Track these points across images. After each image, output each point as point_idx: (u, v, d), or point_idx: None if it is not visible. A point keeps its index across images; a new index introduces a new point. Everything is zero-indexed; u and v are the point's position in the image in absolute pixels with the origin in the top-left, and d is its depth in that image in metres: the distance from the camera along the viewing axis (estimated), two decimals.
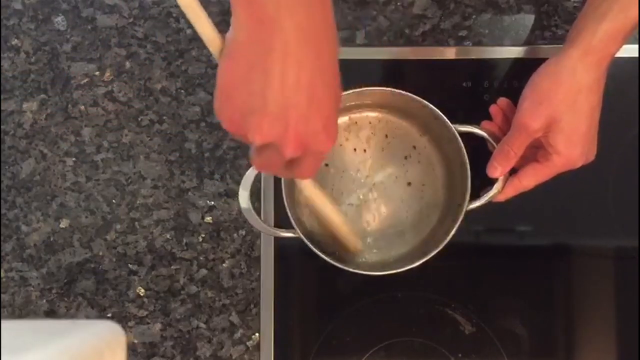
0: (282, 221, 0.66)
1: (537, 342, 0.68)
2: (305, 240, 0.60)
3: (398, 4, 0.73)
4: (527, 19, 0.72)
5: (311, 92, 0.42)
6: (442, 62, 0.71)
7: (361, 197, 0.66)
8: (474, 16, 0.72)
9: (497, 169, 0.60)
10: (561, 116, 0.57)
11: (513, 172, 0.61)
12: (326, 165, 0.66)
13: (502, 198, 0.61)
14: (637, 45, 0.69)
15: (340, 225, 0.62)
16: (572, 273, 0.69)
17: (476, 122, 0.63)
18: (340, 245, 0.64)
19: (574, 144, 0.58)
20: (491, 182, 0.61)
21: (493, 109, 0.65)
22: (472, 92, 0.70)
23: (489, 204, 0.61)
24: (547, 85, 0.58)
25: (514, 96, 0.62)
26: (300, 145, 0.43)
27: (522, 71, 0.62)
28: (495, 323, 0.68)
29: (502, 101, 0.65)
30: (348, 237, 0.63)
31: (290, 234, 0.62)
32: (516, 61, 0.70)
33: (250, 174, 0.63)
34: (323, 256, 0.60)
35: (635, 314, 0.67)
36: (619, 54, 0.57)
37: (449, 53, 0.71)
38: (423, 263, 0.59)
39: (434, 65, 0.71)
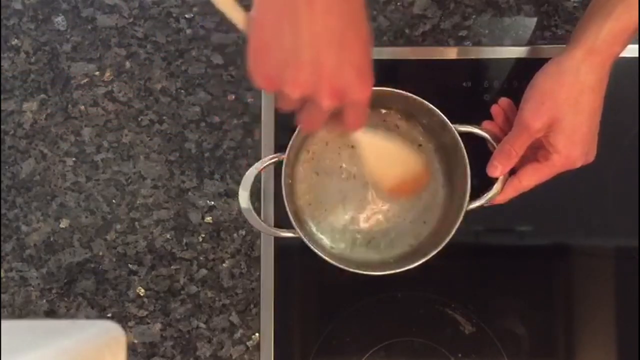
0: (282, 221, 0.66)
1: (537, 342, 0.68)
2: (305, 240, 0.60)
3: (398, 4, 0.73)
4: (527, 19, 0.72)
5: (341, 39, 0.42)
6: (442, 62, 0.71)
7: (362, 196, 0.66)
8: (474, 16, 0.72)
9: (497, 168, 0.60)
10: (563, 116, 0.57)
11: (512, 173, 0.61)
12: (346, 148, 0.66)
13: (502, 199, 0.61)
14: (637, 45, 0.69)
15: (403, 158, 0.61)
16: (572, 273, 0.69)
17: (476, 122, 0.63)
18: (407, 184, 0.63)
19: (574, 144, 0.58)
20: (491, 182, 0.61)
21: (494, 109, 0.64)
22: (472, 92, 0.70)
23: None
24: (550, 85, 0.58)
25: (514, 96, 0.62)
26: (336, 94, 0.44)
27: (522, 71, 0.62)
28: (495, 323, 0.68)
29: (503, 101, 0.65)
30: (415, 168, 0.62)
31: (290, 234, 0.62)
32: (516, 61, 0.70)
33: (250, 174, 0.63)
34: (323, 256, 0.60)
35: (635, 314, 0.67)
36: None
37: (449, 53, 0.71)
38: (423, 263, 0.59)
39: (434, 65, 0.71)
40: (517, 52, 0.71)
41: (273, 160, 0.63)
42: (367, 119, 0.50)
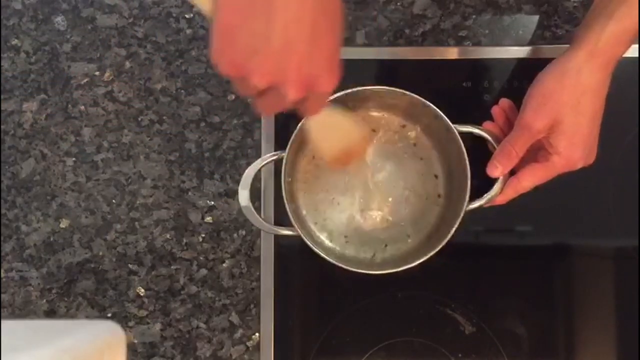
0: (282, 220, 0.66)
1: (537, 342, 0.68)
2: (305, 239, 0.60)
3: (398, 4, 0.73)
4: (527, 19, 0.72)
5: (314, 29, 0.41)
6: (442, 62, 0.71)
7: (361, 196, 0.66)
8: (474, 16, 0.72)
9: (497, 168, 0.60)
10: (564, 117, 0.57)
11: (512, 174, 0.61)
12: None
13: (502, 199, 0.61)
14: (637, 45, 0.69)
15: (351, 127, 0.59)
16: (572, 273, 0.69)
17: (476, 122, 0.63)
18: (355, 153, 0.62)
19: (575, 145, 0.58)
20: (491, 182, 0.61)
21: (495, 110, 0.64)
22: (472, 92, 0.70)
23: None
24: (552, 86, 0.58)
25: (514, 96, 0.62)
26: (304, 86, 0.42)
27: (522, 71, 0.62)
28: (495, 323, 0.68)
29: (504, 102, 0.64)
30: (361, 136, 0.61)
31: (289, 232, 0.62)
32: (516, 61, 0.70)
33: (249, 173, 0.63)
34: (323, 255, 0.60)
35: (635, 314, 0.67)
36: None
37: (449, 53, 0.71)
38: (423, 263, 0.59)
39: (434, 65, 0.71)
40: (517, 52, 0.71)
41: (273, 158, 0.63)
42: (325, 106, 0.49)
